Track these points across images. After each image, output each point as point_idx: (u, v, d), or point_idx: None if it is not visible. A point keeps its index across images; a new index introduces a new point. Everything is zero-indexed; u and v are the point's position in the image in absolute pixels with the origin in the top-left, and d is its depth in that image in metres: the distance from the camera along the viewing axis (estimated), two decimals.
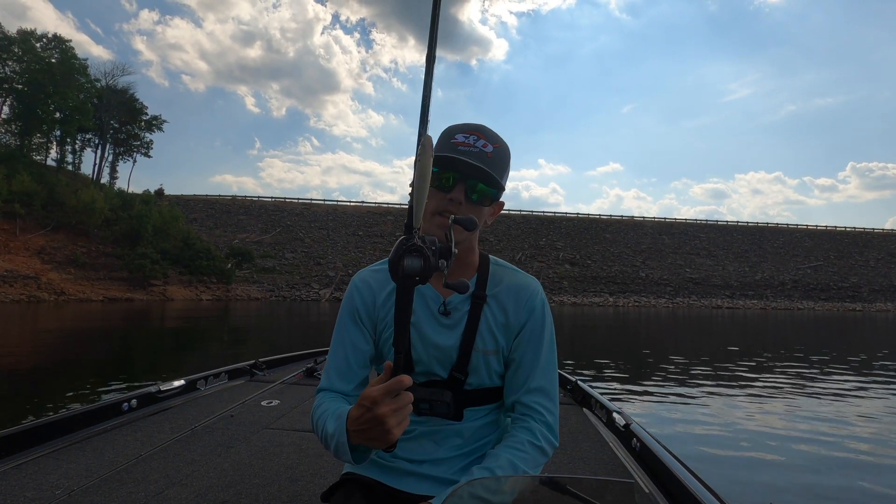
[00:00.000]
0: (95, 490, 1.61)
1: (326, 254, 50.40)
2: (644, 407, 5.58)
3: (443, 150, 0.95)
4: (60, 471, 1.73)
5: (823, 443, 4.35)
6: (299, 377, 3.32)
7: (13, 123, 42.07)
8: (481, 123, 0.99)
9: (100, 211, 36.68)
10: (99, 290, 30.88)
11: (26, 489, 1.58)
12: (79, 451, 1.92)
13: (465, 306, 1.02)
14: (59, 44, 43.46)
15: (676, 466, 1.57)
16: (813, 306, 49.37)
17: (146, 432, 2.18)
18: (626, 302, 46.69)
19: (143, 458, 1.86)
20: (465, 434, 1.03)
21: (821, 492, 3.31)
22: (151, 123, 54.96)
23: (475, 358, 1.01)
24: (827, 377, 7.87)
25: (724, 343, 13.58)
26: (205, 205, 58.54)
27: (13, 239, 32.79)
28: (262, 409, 2.66)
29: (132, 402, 2.38)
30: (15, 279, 28.30)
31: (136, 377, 6.51)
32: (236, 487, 1.70)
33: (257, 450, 2.07)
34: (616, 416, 2.25)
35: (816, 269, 60.56)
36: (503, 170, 1.00)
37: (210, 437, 2.18)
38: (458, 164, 0.93)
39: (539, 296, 1.06)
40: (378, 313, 1.03)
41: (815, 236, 69.82)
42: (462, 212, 0.94)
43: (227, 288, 37.59)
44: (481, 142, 0.95)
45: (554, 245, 60.13)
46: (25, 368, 7.11)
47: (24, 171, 36.83)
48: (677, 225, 70.68)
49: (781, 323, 24.77)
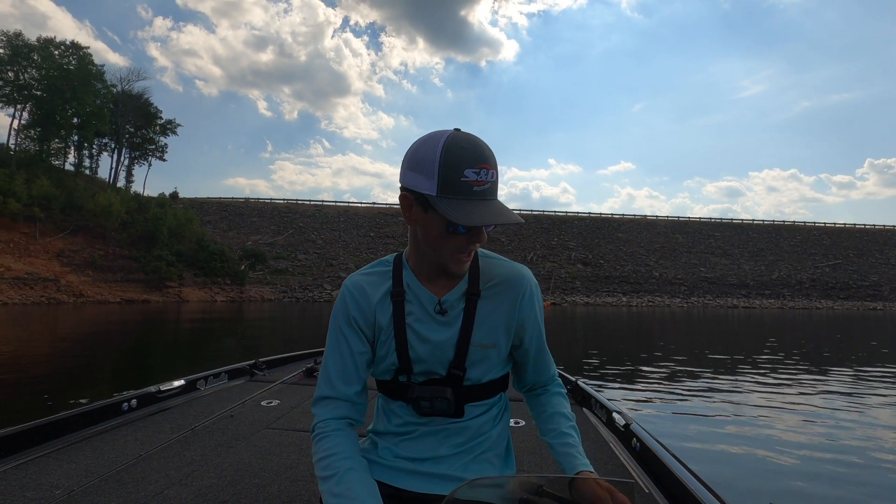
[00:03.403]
0: (95, 490, 1.61)
1: (338, 255, 50.70)
2: (644, 407, 5.54)
3: (454, 189, 0.87)
4: (60, 471, 1.73)
5: (824, 443, 4.31)
6: (299, 377, 3.32)
7: (33, 129, 43.04)
8: (474, 136, 0.91)
9: (116, 214, 37.39)
10: (116, 291, 31.44)
11: (26, 489, 1.59)
12: (79, 451, 1.92)
13: (460, 303, 1.02)
14: (77, 50, 44.36)
15: (676, 466, 1.55)
16: (832, 305, 48.41)
17: (146, 432, 2.18)
18: (640, 302, 46.25)
19: (143, 458, 1.86)
20: (466, 431, 1.04)
21: (821, 492, 3.29)
22: (166, 127, 55.81)
23: (473, 353, 1.01)
24: (832, 377, 7.74)
25: (732, 342, 13.36)
26: (218, 207, 59.27)
27: (33, 242, 33.52)
28: (261, 409, 2.65)
29: (132, 402, 2.39)
30: (35, 281, 28.94)
31: (145, 377, 6.59)
32: (236, 487, 1.70)
33: (257, 450, 2.07)
34: (616, 416, 2.23)
35: (835, 267, 59.39)
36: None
37: (210, 437, 2.18)
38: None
39: (531, 283, 1.07)
40: (373, 317, 1.03)
41: (833, 234, 68.48)
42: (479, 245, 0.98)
43: (240, 289, 38.04)
44: (490, 173, 0.89)
45: (566, 245, 59.78)
46: (32, 369, 7.22)
47: (44, 176, 37.69)
48: (691, 223, 69.82)
49: (799, 322, 24.32)
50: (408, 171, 0.92)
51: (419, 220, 0.94)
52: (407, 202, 0.94)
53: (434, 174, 0.87)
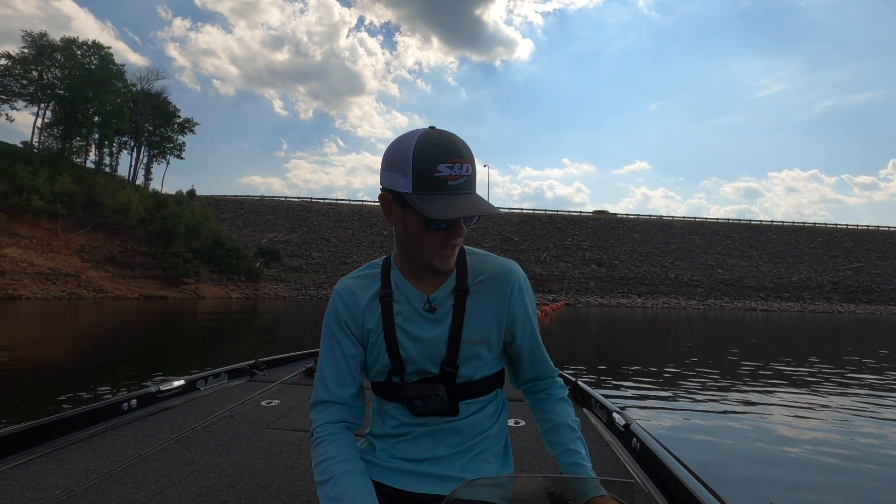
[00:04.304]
0: (95, 490, 1.61)
1: (352, 253, 50.97)
2: (645, 407, 5.53)
3: (428, 185, 0.88)
4: (60, 471, 1.74)
5: (825, 443, 4.30)
6: (299, 377, 3.32)
7: (55, 127, 43.96)
8: (448, 133, 0.91)
9: (135, 211, 38.03)
10: (135, 287, 31.98)
11: (26, 489, 1.59)
12: (79, 451, 1.93)
13: (449, 301, 1.02)
14: (98, 50, 45.17)
15: (676, 466, 1.54)
16: (854, 309, 47.16)
17: (146, 432, 2.19)
18: (655, 303, 45.63)
19: (143, 458, 1.86)
20: (463, 431, 1.04)
21: (822, 492, 3.28)
22: (184, 126, 56.61)
23: (464, 349, 1.01)
24: (838, 379, 7.64)
25: (742, 345, 13.10)
26: (234, 205, 59.97)
27: (55, 238, 34.26)
28: (261, 409, 2.65)
29: (132, 402, 2.40)
30: (57, 277, 29.57)
31: (157, 373, 6.67)
32: (236, 487, 1.69)
33: (257, 450, 2.07)
34: (616, 416, 2.21)
35: (857, 270, 57.96)
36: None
37: (210, 437, 2.18)
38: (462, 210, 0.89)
39: (519, 277, 1.07)
40: (362, 319, 1.04)
41: (855, 236, 66.83)
42: (461, 239, 0.98)
43: (255, 286, 38.44)
44: (464, 167, 0.89)
45: (580, 245, 59.26)
46: (37, 365, 7.32)
47: (66, 173, 38.48)
48: (708, 224, 68.72)
49: (819, 326, 23.78)
50: (385, 172, 0.94)
51: (399, 218, 0.95)
52: (386, 202, 0.96)
53: (408, 172, 0.89)
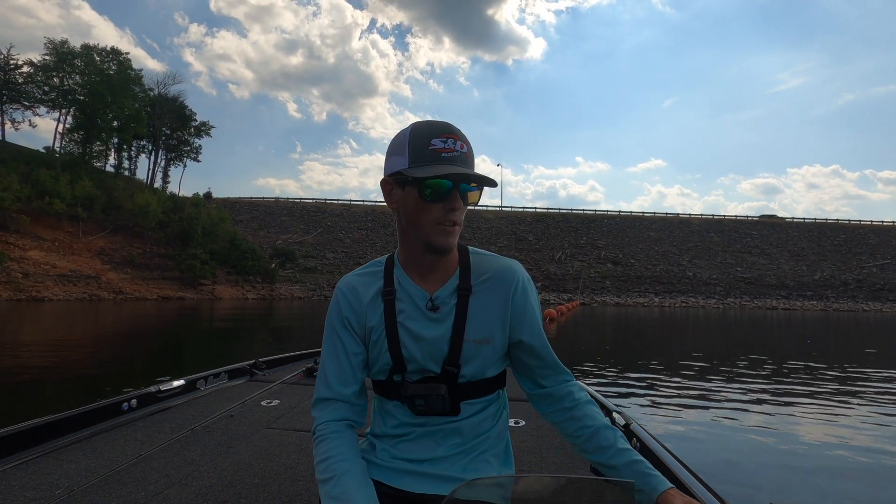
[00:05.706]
0: (95, 490, 1.60)
1: (366, 254, 51.24)
2: (644, 406, 5.48)
3: (423, 157, 0.92)
4: (60, 471, 1.74)
5: (825, 443, 4.28)
6: (299, 377, 3.31)
7: (76, 132, 45.04)
8: (444, 121, 0.96)
9: (153, 214, 38.84)
10: (153, 289, 32.57)
11: (26, 489, 1.59)
12: (79, 451, 1.93)
13: (452, 300, 1.01)
14: (116, 56, 46.16)
15: (677, 466, 1.49)
16: (880, 307, 45.87)
17: (146, 432, 2.19)
18: (673, 303, 45.03)
19: (143, 458, 1.86)
20: (464, 431, 1.03)
21: (822, 493, 3.25)
22: (200, 129, 57.65)
23: (467, 349, 1.00)
24: (842, 379, 7.46)
25: (755, 345, 12.80)
26: (249, 207, 60.79)
27: (76, 241, 35.06)
28: (261, 409, 2.65)
29: (132, 401, 2.40)
30: (78, 279, 30.25)
31: (162, 374, 6.66)
32: (236, 487, 1.69)
33: (257, 450, 2.06)
34: (616, 416, 2.16)
35: (883, 267, 56.49)
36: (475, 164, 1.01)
37: (210, 437, 2.18)
38: (453, 174, 0.92)
39: (522, 276, 1.06)
40: (364, 317, 1.04)
41: (880, 232, 65.18)
42: (460, 215, 0.97)
43: (271, 287, 38.91)
44: (458, 143, 0.93)
45: (595, 244, 58.77)
46: (42, 366, 7.38)
47: (86, 177, 39.47)
48: (726, 222, 67.66)
49: (843, 325, 23.17)
50: (386, 160, 0.99)
51: (398, 199, 0.98)
52: (388, 187, 0.99)
53: (405, 151, 0.94)
